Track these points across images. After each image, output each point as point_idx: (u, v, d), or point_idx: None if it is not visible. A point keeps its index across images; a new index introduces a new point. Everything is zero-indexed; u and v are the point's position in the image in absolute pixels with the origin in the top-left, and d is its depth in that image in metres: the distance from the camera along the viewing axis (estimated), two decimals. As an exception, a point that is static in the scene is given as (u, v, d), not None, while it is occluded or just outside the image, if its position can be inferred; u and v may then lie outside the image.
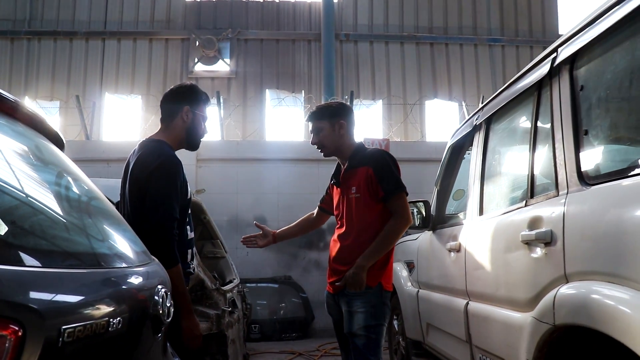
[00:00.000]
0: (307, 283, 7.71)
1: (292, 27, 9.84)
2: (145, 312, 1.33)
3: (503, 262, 2.49)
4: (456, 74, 9.80)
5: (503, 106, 2.83)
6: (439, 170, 4.01)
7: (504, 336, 2.42)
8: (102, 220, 1.49)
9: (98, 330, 1.04)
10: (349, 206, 2.92)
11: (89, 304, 1.06)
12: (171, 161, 2.54)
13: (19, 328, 0.83)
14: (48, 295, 0.94)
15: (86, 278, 1.11)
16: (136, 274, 1.40)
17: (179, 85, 2.81)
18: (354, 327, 2.81)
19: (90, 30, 9.68)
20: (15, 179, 1.13)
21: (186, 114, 2.65)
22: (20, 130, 1.39)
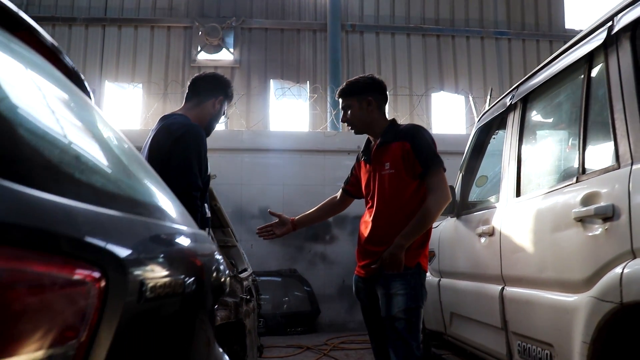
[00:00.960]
0: (312, 276, 7.58)
1: (297, 16, 9.68)
2: (209, 278, 1.20)
3: (550, 243, 2.37)
4: (462, 66, 9.68)
5: (544, 83, 2.71)
6: (465, 154, 3.88)
7: (552, 320, 2.30)
8: (151, 177, 1.34)
9: (176, 290, 0.89)
10: (381, 184, 2.78)
11: (167, 257, 0.92)
12: (197, 131, 2.53)
13: (101, 276, 0.68)
14: (127, 242, 0.79)
15: (159, 229, 0.97)
16: (199, 235, 1.27)
17: (220, 75, 2.93)
18: (394, 311, 2.66)
19: (90, 17, 9.47)
20: (66, 115, 0.99)
21: (219, 102, 2.78)
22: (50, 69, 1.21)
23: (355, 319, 7.58)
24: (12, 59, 0.94)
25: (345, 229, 7.85)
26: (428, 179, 2.72)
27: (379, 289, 2.75)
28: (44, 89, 0.98)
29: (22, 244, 0.59)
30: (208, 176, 2.63)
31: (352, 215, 7.85)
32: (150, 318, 0.84)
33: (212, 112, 2.78)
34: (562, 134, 2.91)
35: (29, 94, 0.90)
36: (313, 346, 6.17)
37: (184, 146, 2.44)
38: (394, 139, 2.80)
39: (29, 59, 1.02)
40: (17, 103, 0.80)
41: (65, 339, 0.63)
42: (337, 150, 7.98)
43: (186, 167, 2.39)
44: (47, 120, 0.87)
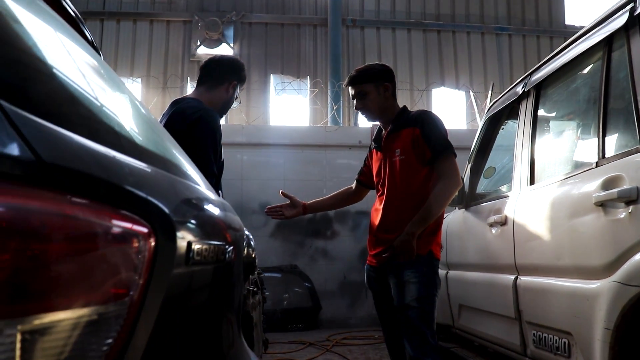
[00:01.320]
0: (313, 272, 7.52)
1: (298, 11, 9.62)
2: (242, 251, 1.15)
3: (567, 230, 2.33)
4: (463, 62, 9.64)
5: (560, 69, 2.67)
6: (473, 145, 3.84)
7: (570, 308, 2.26)
8: (177, 147, 1.29)
9: (219, 256, 0.85)
10: (392, 170, 2.75)
11: (210, 221, 0.87)
12: (212, 115, 2.47)
13: (150, 232, 0.64)
14: (173, 200, 0.74)
15: (199, 193, 0.92)
16: (228, 207, 1.21)
17: (235, 58, 2.89)
18: (407, 299, 2.62)
19: (88, 10, 9.35)
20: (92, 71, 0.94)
21: (232, 87, 2.72)
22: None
23: (356, 315, 7.55)
24: (47, 20, 0.89)
25: (346, 225, 7.81)
26: (438, 164, 2.68)
27: (391, 278, 2.72)
28: (75, 51, 0.94)
29: (66, 188, 0.54)
30: (222, 161, 2.56)
31: (353, 210, 7.82)
32: (196, 282, 0.79)
33: (225, 97, 2.71)
34: (578, 120, 2.88)
35: (64, 51, 0.86)
36: (315, 342, 6.13)
37: (200, 131, 2.37)
38: (404, 126, 2.77)
39: (61, 24, 0.98)
40: (53, 55, 0.75)
41: (116, 297, 0.58)
42: (338, 145, 7.93)
43: (202, 154, 2.30)
44: (81, 74, 0.82)
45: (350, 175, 7.72)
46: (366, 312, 7.57)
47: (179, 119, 2.41)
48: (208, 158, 2.33)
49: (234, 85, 2.73)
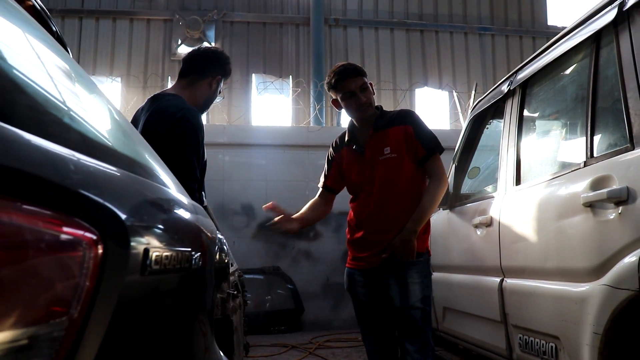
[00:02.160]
0: (296, 274, 7.43)
1: (280, 10, 9.52)
2: (213, 257, 1.06)
3: (554, 231, 2.27)
4: (446, 62, 9.61)
5: (546, 67, 2.62)
6: (458, 144, 3.78)
7: (558, 311, 2.20)
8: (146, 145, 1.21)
9: (183, 263, 0.76)
10: (384, 169, 2.68)
11: (173, 226, 0.79)
12: (195, 115, 2.33)
13: (99, 238, 0.55)
14: (129, 202, 0.66)
15: (164, 194, 0.83)
16: (200, 211, 1.13)
17: (220, 51, 2.68)
18: (412, 300, 2.59)
19: (66, 8, 9.17)
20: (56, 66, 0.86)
21: (216, 82, 2.55)
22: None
23: (339, 317, 7.47)
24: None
25: (329, 226, 7.73)
26: (430, 162, 2.70)
27: (391, 279, 2.64)
28: (31, 39, 0.85)
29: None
30: (205, 162, 2.44)
31: (336, 211, 7.67)
32: (155, 293, 0.71)
33: (207, 92, 2.55)
34: (566, 119, 2.83)
35: (14, 38, 0.77)
36: (298, 345, 6.04)
37: (182, 134, 2.23)
38: (390, 124, 2.73)
39: (19, 14, 0.90)
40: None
41: (52, 315, 0.49)
42: (320, 145, 7.81)
43: (184, 157, 2.19)
44: (28, 62, 0.73)
45: (333, 175, 7.69)
46: (349, 314, 7.48)
47: (161, 119, 2.27)
48: (191, 162, 2.21)
49: (217, 80, 2.57)
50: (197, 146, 2.27)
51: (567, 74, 2.57)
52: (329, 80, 2.73)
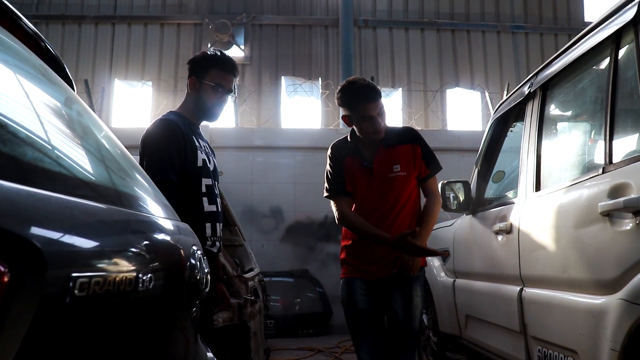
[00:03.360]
0: (324, 277, 7.39)
1: (309, 12, 9.51)
2: (181, 275, 1.03)
3: (572, 240, 2.17)
4: (478, 61, 9.44)
5: (565, 68, 2.51)
6: (480, 148, 3.68)
7: (575, 324, 2.10)
8: (122, 159, 1.19)
9: (124, 287, 0.73)
10: (391, 186, 2.75)
11: (112, 247, 0.76)
12: (162, 125, 2.40)
13: (5, 269, 0.52)
14: (53, 227, 0.63)
15: (107, 214, 0.80)
16: (168, 225, 1.10)
17: (199, 54, 2.66)
18: (415, 312, 2.76)
19: (99, 15, 9.39)
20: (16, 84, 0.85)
21: (193, 85, 2.51)
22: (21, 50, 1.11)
23: (368, 320, 7.40)
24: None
25: (358, 229, 7.66)
26: (431, 181, 2.88)
27: (396, 291, 2.74)
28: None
29: None
30: (199, 167, 2.40)
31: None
32: (84, 319, 0.68)
33: (192, 96, 2.52)
34: (586, 121, 2.71)
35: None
36: (325, 349, 6.00)
37: (149, 144, 2.38)
38: (398, 142, 2.80)
39: None
40: None
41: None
42: (350, 148, 7.80)
43: (152, 164, 2.30)
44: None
45: (361, 178, 7.62)
46: (378, 317, 7.43)
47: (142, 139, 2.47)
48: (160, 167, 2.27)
49: (193, 82, 2.49)
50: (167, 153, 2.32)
51: (587, 75, 2.46)
52: (347, 98, 2.70)
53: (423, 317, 4.54)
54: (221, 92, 2.50)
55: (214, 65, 2.51)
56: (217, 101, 2.52)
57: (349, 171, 2.83)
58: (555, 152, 2.65)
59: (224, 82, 2.51)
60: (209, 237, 2.43)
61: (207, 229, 2.42)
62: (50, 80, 1.17)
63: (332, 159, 2.91)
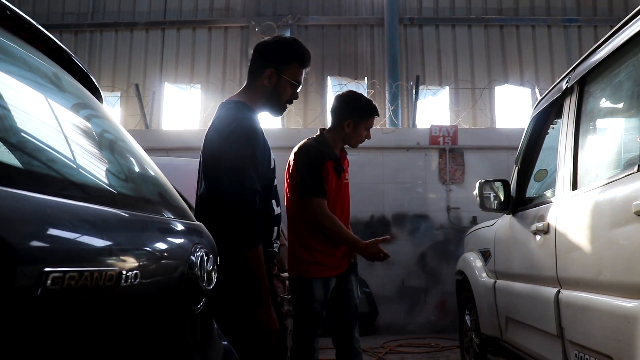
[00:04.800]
0: (371, 277, 7.36)
1: (354, 12, 9.50)
2: (174, 272, 1.06)
3: (607, 241, 2.09)
4: (528, 57, 9.18)
5: (604, 60, 2.41)
6: (520, 146, 3.59)
7: (610, 328, 2.02)
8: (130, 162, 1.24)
9: (103, 282, 0.76)
10: (345, 192, 3.16)
11: (92, 243, 0.79)
12: (247, 125, 2.16)
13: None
14: (28, 225, 0.67)
15: (91, 214, 0.84)
16: (166, 224, 1.14)
17: (276, 40, 2.40)
18: (359, 291, 3.29)
19: (150, 21, 9.66)
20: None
21: (269, 77, 2.28)
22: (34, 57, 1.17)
23: (415, 321, 7.34)
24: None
25: (405, 228, 7.61)
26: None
27: (352, 277, 3.20)
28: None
29: None
30: (272, 169, 2.30)
31: (411, 214, 7.62)
32: (58, 313, 0.71)
33: (266, 89, 2.29)
34: (624, 117, 2.60)
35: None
36: (368, 349, 5.98)
37: (232, 146, 2.11)
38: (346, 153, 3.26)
39: None
40: None
41: None
42: (395, 147, 7.76)
43: (238, 170, 2.08)
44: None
45: (407, 178, 7.57)
46: (425, 318, 7.35)
47: (213, 133, 2.20)
48: (247, 175, 2.09)
49: (271, 74, 2.28)
50: (253, 157, 2.13)
51: (624, 68, 2.35)
52: (363, 108, 3.16)
53: (466, 318, 4.48)
54: (296, 88, 2.39)
55: (295, 60, 2.34)
56: (290, 98, 2.40)
57: (327, 174, 3.00)
58: (593, 149, 2.55)
59: (301, 79, 2.40)
60: (274, 240, 2.33)
61: (274, 232, 2.33)
62: (61, 87, 1.22)
63: (313, 161, 3.00)
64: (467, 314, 4.48)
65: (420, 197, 7.62)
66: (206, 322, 1.42)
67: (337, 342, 3.21)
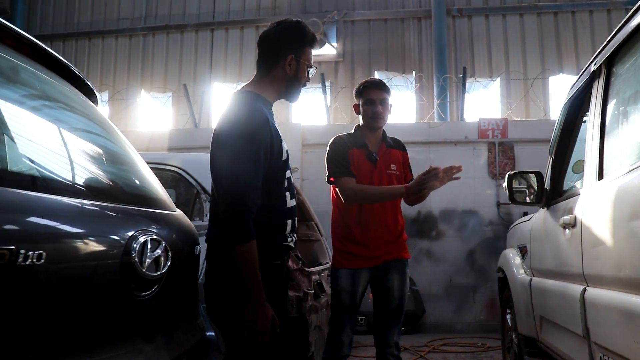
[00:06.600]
0: (417, 274, 7.22)
1: (401, 4, 9.34)
2: (103, 256, 1.07)
3: (627, 234, 1.92)
4: (585, 45, 8.73)
5: (628, 39, 2.22)
6: (553, 135, 3.39)
7: (632, 331, 1.85)
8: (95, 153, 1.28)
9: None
10: (389, 181, 3.12)
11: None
12: (251, 119, 2.08)
13: None
14: None
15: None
16: (100, 211, 1.15)
17: (282, 25, 2.32)
18: (405, 291, 3.20)
19: (199, 22, 9.85)
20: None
21: (289, 64, 2.24)
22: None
23: (463, 320, 7.15)
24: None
25: (452, 224, 7.42)
26: None
27: (396, 276, 3.13)
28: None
29: None
30: (284, 161, 2.22)
31: (459, 209, 7.43)
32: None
33: (286, 77, 2.25)
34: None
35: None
36: (411, 347, 5.85)
37: (234, 139, 2.06)
38: (395, 147, 3.28)
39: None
40: None
41: None
42: (442, 142, 7.58)
43: (235, 165, 2.03)
44: None
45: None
46: (473, 317, 7.14)
47: (220, 126, 2.14)
48: (245, 170, 2.03)
49: (291, 60, 2.23)
50: (255, 153, 2.06)
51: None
52: (358, 87, 3.20)
53: (507, 317, 4.31)
54: (309, 71, 2.33)
55: (308, 42, 2.32)
56: (306, 81, 2.35)
57: (354, 161, 3.09)
58: (620, 135, 2.35)
59: (312, 61, 2.36)
60: (288, 233, 2.26)
61: (288, 225, 2.26)
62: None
63: (336, 148, 3.14)
64: (508, 312, 4.30)
65: (468, 193, 7.40)
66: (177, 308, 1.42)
67: (375, 342, 3.23)
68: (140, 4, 10.23)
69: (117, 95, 9.41)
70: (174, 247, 1.40)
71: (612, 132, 2.37)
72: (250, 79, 2.37)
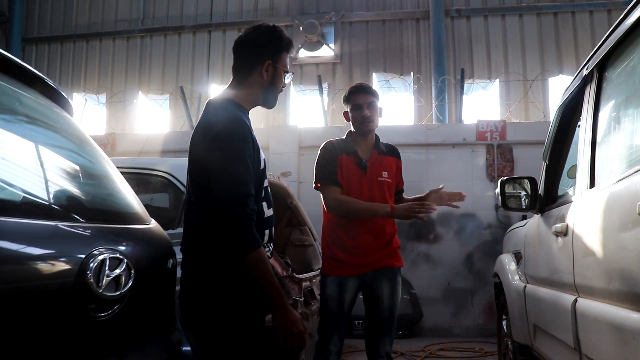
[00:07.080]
0: (414, 277, 7.16)
1: (399, 5, 9.27)
2: (51, 277, 1.02)
3: (616, 244, 1.87)
4: (585, 46, 8.63)
5: (620, 42, 2.16)
6: (547, 140, 3.33)
7: (624, 345, 1.79)
8: (55, 171, 1.24)
9: None
10: (379, 188, 3.07)
11: None
12: (234, 126, 2.03)
13: None
14: None
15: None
16: (53, 229, 1.12)
17: (256, 30, 2.26)
18: (396, 300, 3.12)
19: (197, 24, 9.79)
20: None
21: (266, 69, 2.18)
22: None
23: (461, 324, 7.08)
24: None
25: (450, 228, 7.35)
26: (401, 195, 3.35)
27: (386, 284, 3.07)
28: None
29: None
30: (262, 170, 2.17)
31: (457, 213, 7.32)
32: None
33: (263, 83, 2.19)
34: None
35: None
36: (407, 352, 5.79)
37: (220, 149, 1.99)
38: (388, 153, 3.22)
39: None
40: None
41: None
42: (440, 144, 7.52)
43: (228, 175, 1.97)
44: None
45: (453, 175, 7.29)
46: (472, 321, 7.07)
47: (200, 136, 2.08)
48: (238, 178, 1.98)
49: (268, 66, 2.18)
50: (242, 160, 2.01)
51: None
52: (345, 94, 3.19)
53: (502, 323, 4.24)
54: (285, 76, 2.28)
55: (284, 47, 2.26)
56: (283, 86, 2.30)
57: (343, 168, 3.05)
58: (612, 142, 2.29)
59: (288, 66, 2.29)
60: (265, 243, 2.18)
61: (265, 236, 2.20)
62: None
63: (325, 153, 3.12)
64: (504, 318, 4.23)
65: (467, 195, 7.31)
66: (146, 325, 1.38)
67: (367, 351, 3.18)
68: (138, 6, 10.18)
69: (114, 98, 9.35)
70: (140, 264, 1.35)
71: (604, 139, 2.31)
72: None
